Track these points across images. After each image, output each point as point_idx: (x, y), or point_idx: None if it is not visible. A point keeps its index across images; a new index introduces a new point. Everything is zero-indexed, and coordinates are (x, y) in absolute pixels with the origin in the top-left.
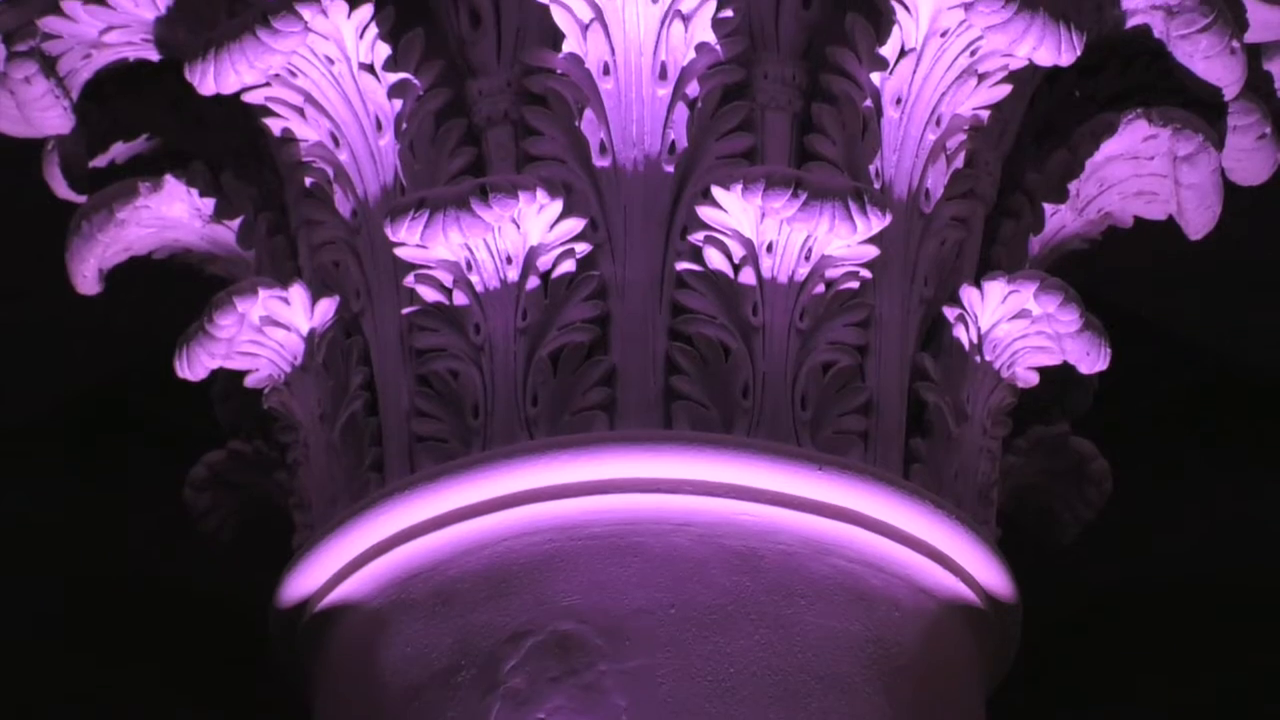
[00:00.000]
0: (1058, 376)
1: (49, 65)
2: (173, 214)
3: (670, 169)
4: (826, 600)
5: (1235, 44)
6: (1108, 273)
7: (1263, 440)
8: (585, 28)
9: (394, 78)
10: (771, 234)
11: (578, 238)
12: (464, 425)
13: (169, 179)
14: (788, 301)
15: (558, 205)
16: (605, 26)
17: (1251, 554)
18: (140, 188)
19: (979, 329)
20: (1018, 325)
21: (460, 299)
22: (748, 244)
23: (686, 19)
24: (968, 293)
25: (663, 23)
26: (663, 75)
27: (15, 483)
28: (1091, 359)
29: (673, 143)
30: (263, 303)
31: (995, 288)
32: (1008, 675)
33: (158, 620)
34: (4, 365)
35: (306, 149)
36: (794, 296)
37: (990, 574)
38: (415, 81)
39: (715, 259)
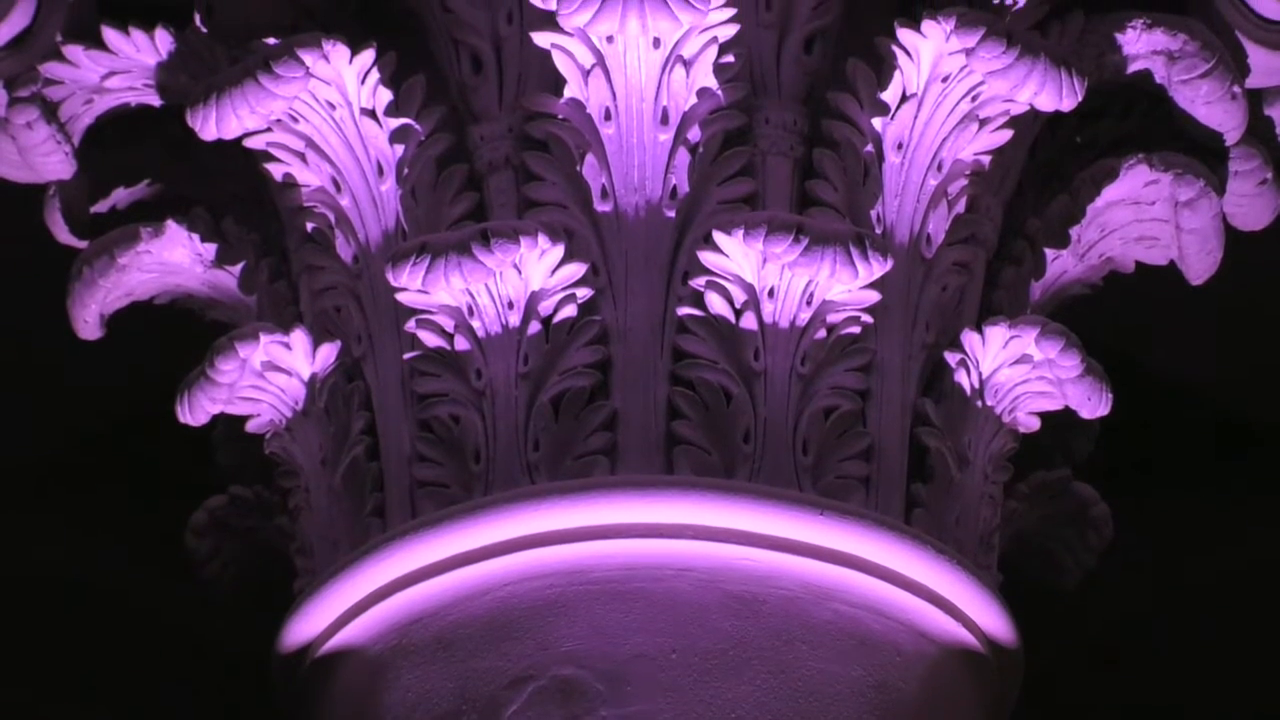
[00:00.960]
0: (1059, 421)
1: (50, 111)
2: (174, 259)
3: (671, 214)
4: (828, 645)
5: (1236, 89)
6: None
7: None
8: (587, 73)
9: (396, 123)
10: (773, 279)
11: (579, 283)
12: (465, 470)
13: (170, 224)
14: (789, 346)
15: (559, 250)
16: (607, 72)
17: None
18: (142, 233)
19: (980, 374)
20: (1019, 370)
21: (462, 344)
22: (749, 289)
23: (688, 64)
24: (969, 338)
25: (664, 68)
26: (664, 120)
27: (18, 527)
28: (1093, 404)
29: (674, 188)
30: (264, 348)
31: (996, 333)
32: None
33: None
34: (4, 408)
35: (308, 194)
36: (795, 341)
37: (992, 619)
38: (417, 127)
39: (717, 304)
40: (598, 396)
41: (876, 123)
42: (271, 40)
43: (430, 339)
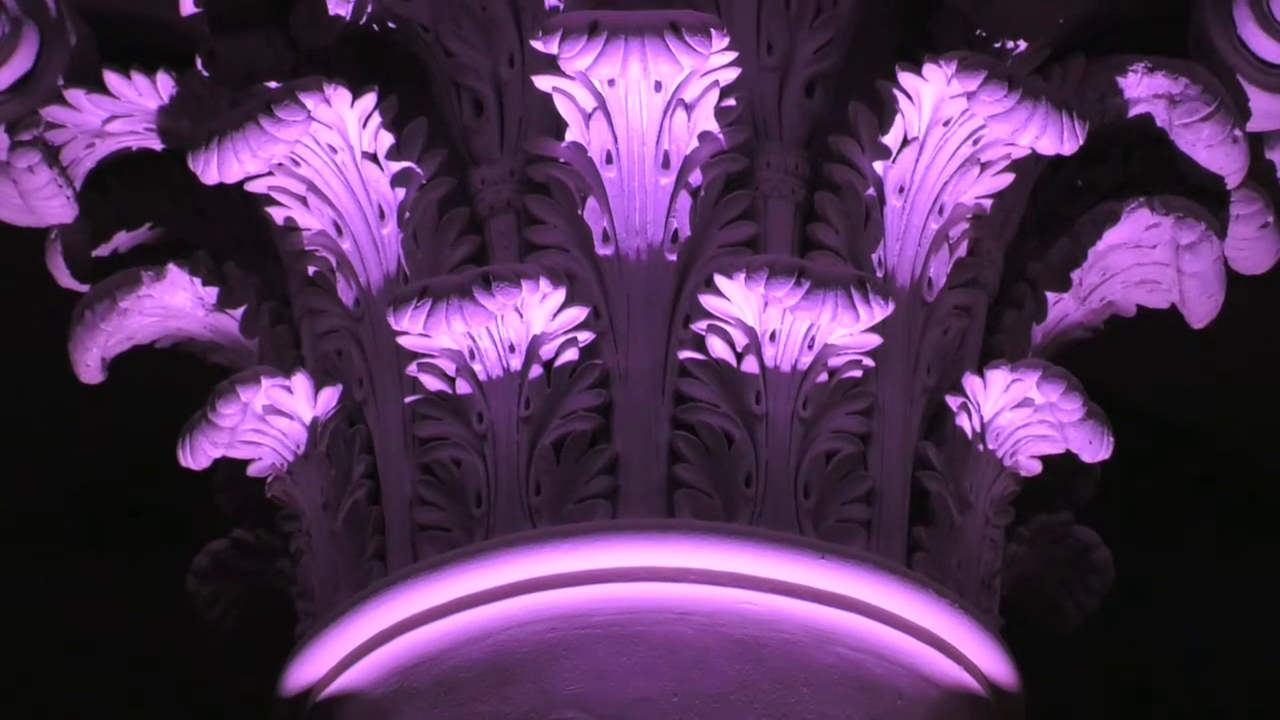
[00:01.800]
0: (1060, 465)
1: (52, 154)
2: (176, 303)
3: (673, 257)
4: (829, 689)
5: (1237, 133)
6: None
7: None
8: (588, 116)
9: (397, 166)
10: (774, 323)
11: (580, 326)
12: (466, 514)
13: (172, 268)
14: (790, 390)
15: (560, 294)
16: (608, 115)
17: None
18: (143, 277)
19: (982, 417)
20: (1020, 414)
21: (463, 388)
22: (750, 332)
23: (689, 108)
24: (970, 381)
25: (665, 112)
26: (665, 164)
27: (24, 572)
28: (1094, 448)
29: (675, 231)
30: (265, 391)
31: (998, 376)
32: None
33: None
34: (8, 455)
35: (309, 238)
36: (797, 385)
37: (993, 662)
38: (418, 170)
39: (718, 347)
40: (599, 440)
41: (878, 166)
42: (273, 84)
43: (432, 382)
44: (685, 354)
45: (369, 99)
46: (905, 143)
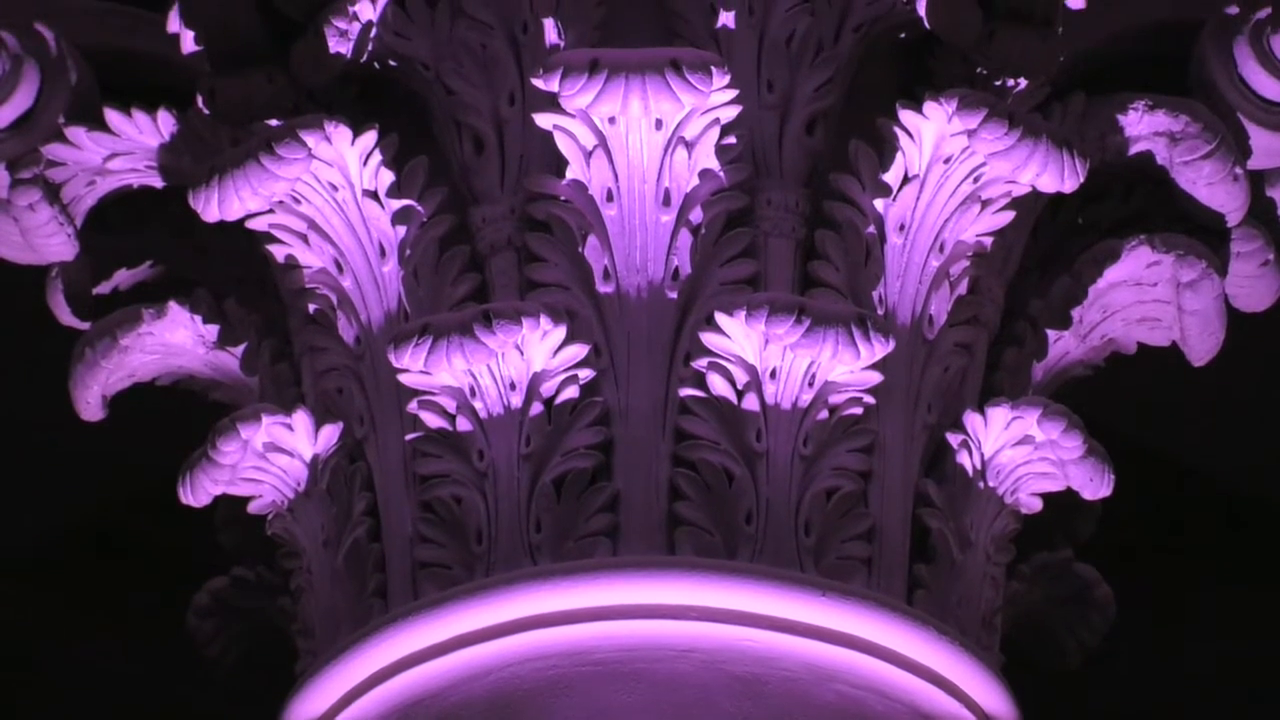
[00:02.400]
0: (1061, 502)
1: (53, 192)
2: (176, 340)
3: (673, 295)
4: None
5: (1238, 170)
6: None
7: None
8: (589, 154)
9: (397, 204)
10: (775, 360)
11: (581, 364)
12: (467, 551)
13: (173, 306)
14: (791, 427)
15: (561, 331)
16: (609, 153)
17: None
18: (144, 314)
19: (982, 455)
20: (1021, 451)
21: (464, 425)
22: (751, 370)
23: (690, 145)
24: (971, 419)
25: (666, 149)
26: (666, 201)
27: (18, 609)
28: (1095, 485)
29: (676, 269)
30: (266, 429)
31: (998, 414)
32: None
33: None
34: (5, 492)
35: (310, 275)
36: (797, 422)
37: (994, 700)
38: (419, 208)
39: (719, 385)
40: (600, 477)
41: (878, 204)
42: (274, 121)
43: (432, 420)
44: (686, 391)
45: (370, 137)
46: (906, 180)
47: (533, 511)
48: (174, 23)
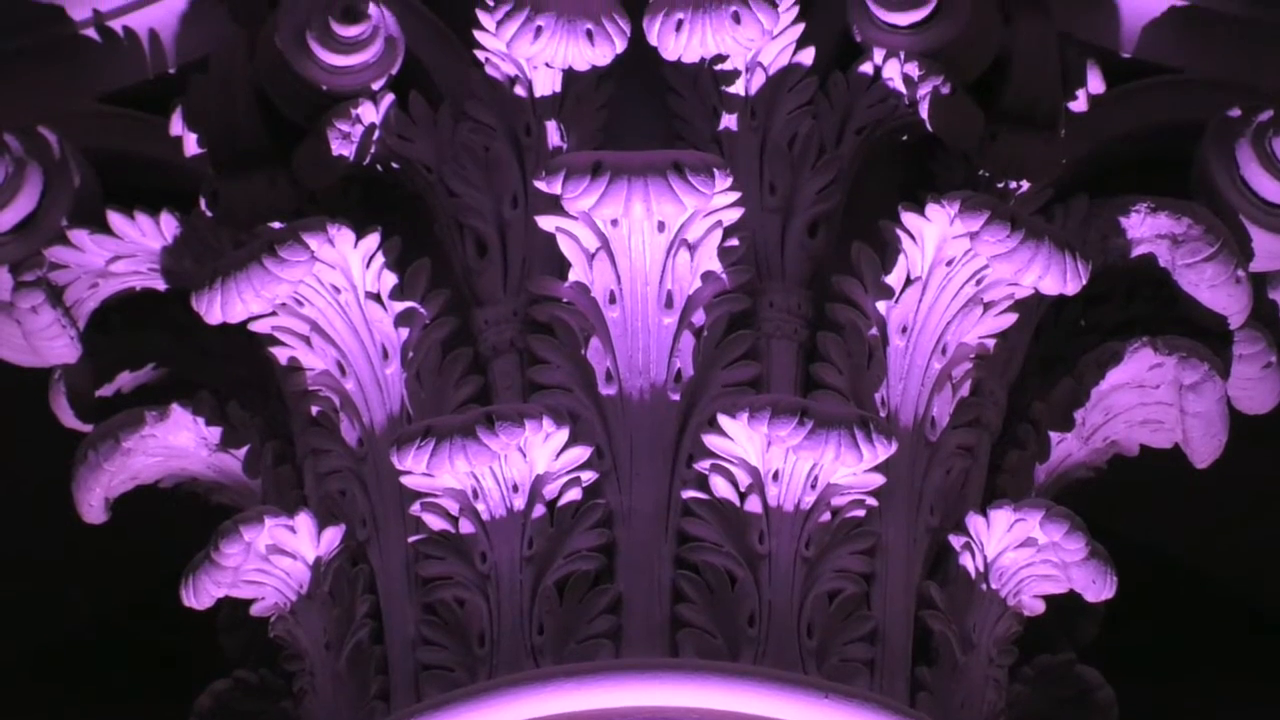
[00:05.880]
0: (1063, 604)
1: (56, 295)
2: (179, 443)
3: (676, 397)
4: None
5: (1240, 273)
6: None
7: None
8: (591, 256)
9: (400, 306)
10: (777, 462)
11: (584, 466)
12: (470, 654)
13: (175, 408)
14: (794, 530)
15: (564, 434)
16: (611, 255)
17: None
18: (147, 417)
19: (985, 557)
20: (1024, 554)
21: (466, 527)
22: (754, 472)
23: (692, 248)
24: (974, 521)
25: (669, 252)
26: (669, 304)
27: (19, 711)
28: (1097, 587)
29: (679, 371)
30: (269, 531)
31: (1001, 516)
32: None
33: None
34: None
35: (313, 378)
36: (800, 525)
37: None
38: (422, 310)
39: (721, 487)
40: (602, 579)
41: (881, 306)
42: (276, 224)
43: (435, 522)
44: (688, 493)
45: (372, 239)
46: (908, 282)
47: (535, 614)
48: (176, 126)
